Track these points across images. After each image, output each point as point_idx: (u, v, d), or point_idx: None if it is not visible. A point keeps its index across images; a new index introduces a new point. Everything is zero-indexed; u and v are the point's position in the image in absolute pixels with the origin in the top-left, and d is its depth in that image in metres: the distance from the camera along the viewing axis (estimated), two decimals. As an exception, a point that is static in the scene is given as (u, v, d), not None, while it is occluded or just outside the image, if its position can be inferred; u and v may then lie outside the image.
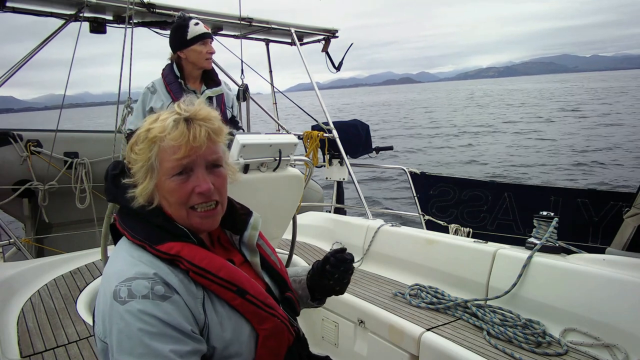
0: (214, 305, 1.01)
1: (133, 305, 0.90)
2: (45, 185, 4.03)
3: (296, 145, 2.26)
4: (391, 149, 5.54)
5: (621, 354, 1.72)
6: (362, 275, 2.74)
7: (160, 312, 0.90)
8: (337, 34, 4.88)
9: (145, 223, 1.04)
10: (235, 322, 1.03)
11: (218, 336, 1.00)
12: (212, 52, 2.81)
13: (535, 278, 2.09)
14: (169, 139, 1.00)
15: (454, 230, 4.05)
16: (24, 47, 10.03)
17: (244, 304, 1.03)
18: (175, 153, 1.00)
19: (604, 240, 3.92)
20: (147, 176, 1.03)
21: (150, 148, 1.02)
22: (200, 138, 1.01)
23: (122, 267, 0.99)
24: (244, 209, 1.24)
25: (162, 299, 0.92)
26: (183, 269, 0.99)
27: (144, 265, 0.97)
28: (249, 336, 1.05)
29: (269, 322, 1.07)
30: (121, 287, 0.93)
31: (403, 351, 2.03)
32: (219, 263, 1.03)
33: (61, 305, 2.34)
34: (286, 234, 2.63)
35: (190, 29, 2.72)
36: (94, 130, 4.78)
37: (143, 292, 0.92)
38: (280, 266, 1.26)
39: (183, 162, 1.01)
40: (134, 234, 1.03)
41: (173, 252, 0.99)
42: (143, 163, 1.03)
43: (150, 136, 1.01)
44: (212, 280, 1.00)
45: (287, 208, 2.40)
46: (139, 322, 0.89)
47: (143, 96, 2.81)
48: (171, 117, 1.02)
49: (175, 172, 1.01)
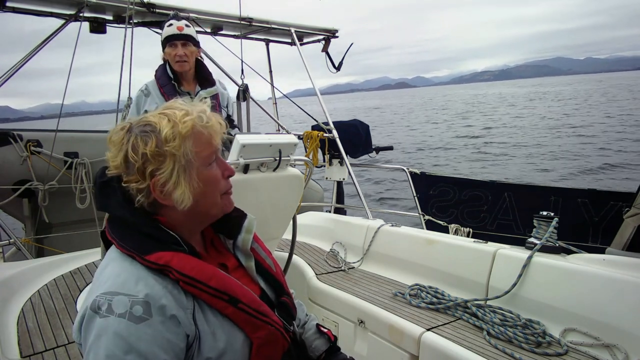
0: (205, 315, 1.00)
1: (109, 322, 0.90)
2: (45, 185, 4.03)
3: (296, 145, 2.26)
4: (391, 149, 5.54)
5: (621, 354, 1.72)
6: (362, 275, 2.74)
7: (132, 335, 0.89)
8: (337, 34, 4.89)
9: (133, 231, 1.01)
10: (229, 331, 1.02)
11: (211, 346, 0.99)
12: (181, 55, 2.69)
13: (535, 278, 2.09)
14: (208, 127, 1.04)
15: (454, 230, 4.05)
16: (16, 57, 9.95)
17: (237, 313, 1.02)
18: (213, 140, 1.05)
19: (604, 240, 3.92)
20: (182, 175, 1.00)
21: (185, 142, 1.00)
22: (222, 126, 1.08)
23: (109, 277, 0.97)
24: (237, 211, 1.21)
25: (138, 321, 0.90)
26: (173, 279, 0.97)
27: (131, 280, 0.95)
28: (242, 344, 1.03)
29: (263, 330, 1.05)
30: (102, 299, 0.92)
31: (403, 351, 2.03)
32: (209, 272, 1.01)
33: (61, 305, 2.34)
34: (286, 234, 2.63)
35: (164, 30, 2.69)
36: (94, 130, 4.78)
37: (121, 309, 0.90)
38: (276, 270, 1.24)
39: (217, 147, 1.07)
40: (122, 243, 1.01)
41: (162, 262, 0.97)
42: (177, 162, 0.99)
43: (184, 131, 0.99)
44: (203, 289, 0.99)
45: (287, 208, 2.40)
46: (109, 342, 0.88)
47: (137, 99, 2.80)
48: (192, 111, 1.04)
49: (212, 160, 1.06)
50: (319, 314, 2.55)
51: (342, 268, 2.86)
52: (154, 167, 0.98)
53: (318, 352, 1.32)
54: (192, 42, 2.75)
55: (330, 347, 1.33)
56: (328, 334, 1.35)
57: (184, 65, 2.74)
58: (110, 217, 1.08)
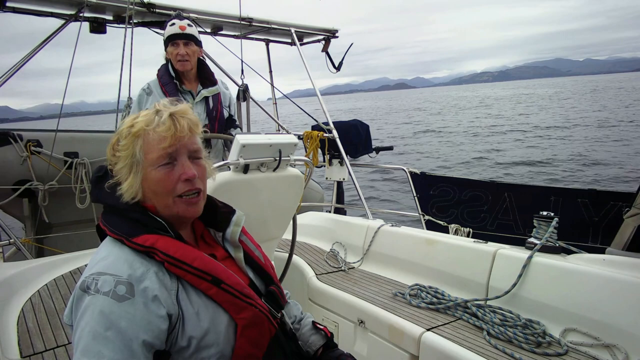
0: (189, 296, 1.04)
1: (94, 299, 0.95)
2: (45, 185, 4.03)
3: (296, 145, 2.26)
4: (391, 149, 5.53)
5: (621, 354, 1.72)
6: (362, 275, 2.74)
7: (113, 313, 0.94)
8: (337, 34, 4.88)
9: (124, 218, 1.08)
10: (213, 312, 1.05)
11: (195, 326, 1.02)
12: (183, 54, 2.70)
13: (535, 278, 2.09)
14: (157, 130, 1.06)
15: (454, 230, 4.04)
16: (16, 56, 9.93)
17: (220, 293, 1.06)
18: (162, 143, 1.06)
19: (604, 240, 3.92)
20: (131, 171, 1.08)
21: (135, 142, 1.07)
22: (184, 128, 1.08)
23: (99, 259, 1.03)
24: (226, 207, 1.28)
25: (120, 299, 0.95)
26: (158, 261, 1.03)
27: (117, 261, 1.01)
28: (227, 325, 1.06)
29: (247, 311, 1.08)
30: (89, 280, 0.98)
31: (403, 351, 2.03)
32: (193, 254, 1.06)
33: (61, 305, 2.34)
34: (286, 234, 2.63)
35: (167, 29, 2.70)
36: (94, 130, 4.77)
37: (106, 288, 0.96)
38: (264, 261, 1.28)
39: (169, 151, 1.07)
40: (112, 229, 1.07)
41: (148, 244, 1.03)
42: (127, 159, 1.07)
43: (134, 130, 1.07)
44: (187, 270, 1.04)
45: (287, 208, 2.40)
46: (92, 319, 0.93)
47: (139, 98, 2.80)
48: (154, 112, 1.09)
49: (162, 162, 1.07)
50: (319, 314, 2.55)
51: (342, 268, 2.86)
52: (114, 160, 1.11)
53: (315, 347, 1.33)
54: (194, 42, 2.77)
55: (327, 343, 1.34)
56: (324, 330, 1.36)
57: (186, 64, 2.76)
58: (103, 210, 1.15)
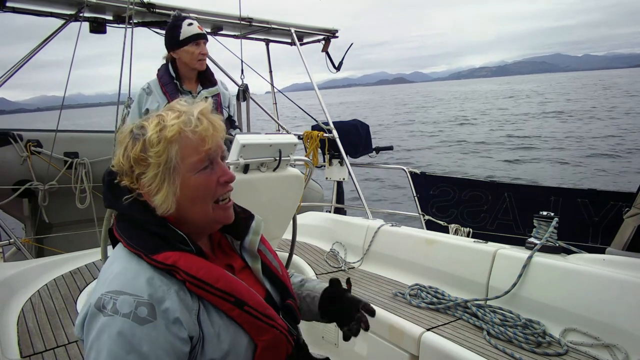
0: (210, 317, 0.99)
1: (113, 321, 0.88)
2: (45, 185, 4.03)
3: (296, 145, 2.26)
4: (391, 149, 5.53)
5: (621, 354, 1.72)
6: (362, 275, 2.74)
7: (135, 336, 0.88)
8: (337, 34, 4.88)
9: (141, 230, 1.01)
10: (233, 333, 1.01)
11: (215, 347, 0.98)
12: (205, 53, 2.76)
13: (535, 278, 2.09)
14: (196, 131, 0.98)
15: (454, 230, 4.04)
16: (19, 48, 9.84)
17: (242, 315, 1.01)
18: (203, 144, 0.99)
19: (604, 240, 3.91)
20: (166, 180, 0.98)
21: (170, 147, 0.97)
22: (218, 127, 1.03)
23: (114, 275, 0.96)
24: (245, 212, 1.21)
25: (142, 322, 0.89)
26: (179, 280, 0.96)
27: (137, 279, 0.94)
28: (246, 347, 1.02)
29: (268, 333, 1.04)
30: (106, 298, 0.91)
31: (403, 351, 2.03)
32: (216, 273, 1.00)
33: (61, 305, 2.34)
34: (286, 234, 2.63)
35: (183, 29, 2.70)
36: (94, 130, 4.77)
37: (126, 309, 0.89)
38: (282, 272, 1.23)
39: (210, 153, 1.01)
40: (129, 241, 1.00)
41: (169, 262, 0.96)
42: (159, 167, 0.98)
43: (170, 135, 0.97)
44: (209, 291, 0.98)
45: (287, 208, 2.40)
46: (110, 341, 0.87)
47: (139, 97, 2.80)
48: (181, 113, 1.00)
49: (203, 166, 1.01)
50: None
51: (342, 268, 2.86)
52: (139, 170, 0.99)
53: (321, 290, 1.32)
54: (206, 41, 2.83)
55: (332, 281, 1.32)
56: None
57: (204, 63, 2.80)
58: (118, 215, 1.08)
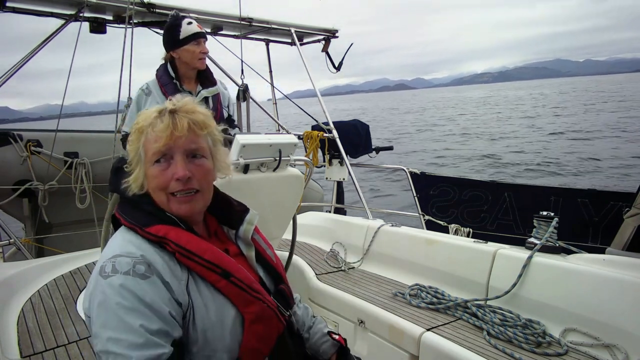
0: (198, 287, 1.05)
1: (114, 279, 0.96)
2: (45, 185, 4.03)
3: (296, 145, 2.26)
4: (391, 149, 5.53)
5: (621, 354, 1.72)
6: (362, 275, 2.74)
7: (138, 288, 0.96)
8: (337, 34, 4.88)
9: (138, 209, 1.12)
10: (220, 304, 1.06)
11: (204, 317, 1.03)
12: (206, 52, 2.77)
13: (535, 278, 2.09)
14: (154, 129, 1.08)
15: (454, 230, 4.04)
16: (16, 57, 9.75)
17: (228, 286, 1.07)
18: (157, 142, 1.08)
19: (604, 240, 3.91)
20: (137, 165, 1.12)
21: (139, 138, 1.11)
22: (182, 128, 1.08)
23: (113, 247, 1.06)
24: (241, 206, 1.29)
25: (142, 277, 0.97)
26: (170, 251, 1.05)
27: (132, 245, 1.04)
28: (234, 318, 1.07)
29: (255, 305, 1.09)
30: (107, 264, 1.00)
31: (403, 351, 2.03)
32: (204, 246, 1.08)
33: (61, 305, 2.34)
34: (286, 234, 2.63)
35: (183, 28, 2.70)
36: (94, 130, 4.77)
37: (125, 268, 0.98)
38: (275, 261, 1.29)
39: (162, 150, 1.08)
40: (127, 218, 1.11)
41: (161, 234, 1.05)
42: (134, 153, 1.12)
43: (138, 127, 1.11)
44: (197, 262, 1.05)
45: (287, 208, 2.40)
46: (117, 295, 0.94)
47: (137, 98, 2.79)
48: (157, 110, 1.11)
49: (156, 159, 1.09)
50: (319, 314, 2.55)
51: (342, 268, 2.86)
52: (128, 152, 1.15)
53: (326, 355, 1.34)
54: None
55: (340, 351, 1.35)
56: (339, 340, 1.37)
57: (204, 62, 2.81)
58: (120, 199, 1.20)
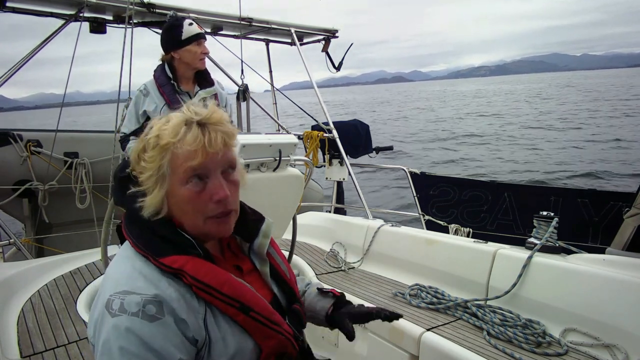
0: (216, 321, 0.99)
1: (121, 321, 0.88)
2: (45, 185, 4.03)
3: (296, 145, 2.26)
4: (391, 149, 5.54)
5: (621, 354, 1.72)
6: (362, 275, 2.74)
7: (146, 333, 0.89)
8: (337, 34, 4.88)
9: (149, 233, 1.01)
10: (239, 338, 1.01)
11: (221, 351, 0.98)
12: (207, 52, 2.78)
13: (535, 278, 2.09)
14: (183, 145, 0.95)
15: (454, 230, 4.04)
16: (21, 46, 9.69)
17: (247, 321, 1.01)
18: (191, 160, 0.95)
19: (604, 240, 3.92)
20: (157, 185, 0.98)
21: (162, 155, 0.96)
22: (217, 144, 0.97)
23: (122, 276, 0.97)
24: (255, 214, 1.19)
25: (151, 320, 0.90)
26: (186, 283, 0.97)
27: (143, 279, 0.95)
28: (251, 351, 1.02)
29: (273, 339, 1.04)
30: (115, 299, 0.92)
31: (403, 351, 2.03)
32: (222, 278, 1.00)
33: (61, 305, 2.34)
34: (286, 234, 2.63)
35: (185, 29, 2.71)
36: (94, 130, 4.77)
37: (134, 309, 0.90)
38: (290, 276, 1.22)
39: (197, 168, 0.96)
40: (137, 242, 1.01)
41: (176, 266, 0.96)
42: (153, 172, 0.97)
43: (162, 143, 0.96)
44: (215, 296, 0.98)
45: (287, 208, 2.40)
46: (122, 339, 0.88)
47: (135, 99, 2.80)
48: (181, 121, 0.97)
49: (188, 180, 0.97)
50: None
51: (342, 268, 2.86)
52: (139, 170, 1.00)
53: (324, 312, 1.31)
54: None
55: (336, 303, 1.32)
56: (332, 291, 1.34)
57: (204, 62, 2.82)
58: (128, 216, 1.07)
